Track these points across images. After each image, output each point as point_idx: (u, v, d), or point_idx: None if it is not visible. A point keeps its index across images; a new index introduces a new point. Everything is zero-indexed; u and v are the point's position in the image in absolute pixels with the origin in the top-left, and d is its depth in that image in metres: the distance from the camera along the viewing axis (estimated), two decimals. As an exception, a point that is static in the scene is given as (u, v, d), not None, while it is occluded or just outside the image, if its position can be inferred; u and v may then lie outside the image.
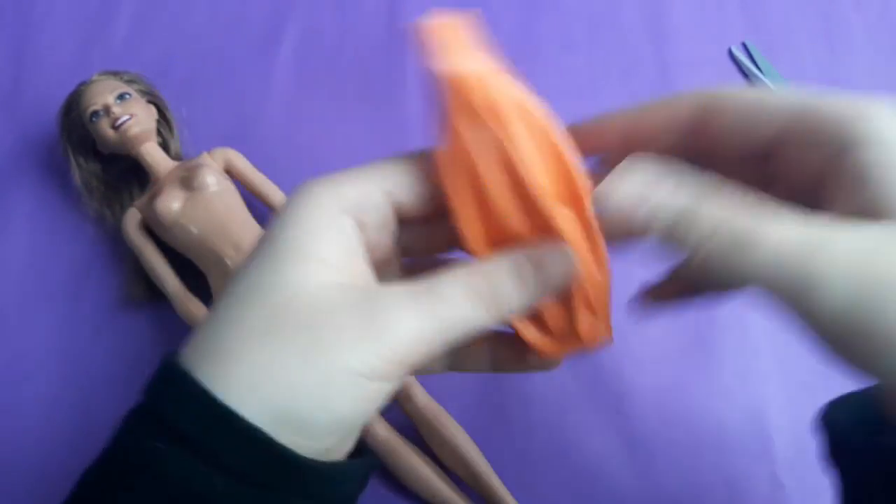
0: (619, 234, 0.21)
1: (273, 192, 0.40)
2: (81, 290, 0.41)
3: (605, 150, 0.24)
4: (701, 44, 0.46)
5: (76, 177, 0.41)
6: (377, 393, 0.20)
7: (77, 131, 0.41)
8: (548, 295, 0.22)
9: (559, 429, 0.37)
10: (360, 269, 0.21)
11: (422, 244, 0.24)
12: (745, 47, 0.45)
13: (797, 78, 0.44)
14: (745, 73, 0.45)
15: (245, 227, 0.38)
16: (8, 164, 0.44)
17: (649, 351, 0.38)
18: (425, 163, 0.23)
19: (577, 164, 0.22)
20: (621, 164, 0.22)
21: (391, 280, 0.24)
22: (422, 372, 0.27)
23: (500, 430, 0.37)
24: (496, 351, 0.25)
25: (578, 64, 0.45)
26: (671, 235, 0.20)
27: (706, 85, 0.22)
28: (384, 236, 0.23)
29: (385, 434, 0.35)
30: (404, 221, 0.23)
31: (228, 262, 0.36)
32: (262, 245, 0.21)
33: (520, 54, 0.46)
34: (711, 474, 0.36)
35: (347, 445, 0.22)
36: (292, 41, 0.47)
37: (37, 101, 0.45)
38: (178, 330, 0.39)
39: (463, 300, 0.20)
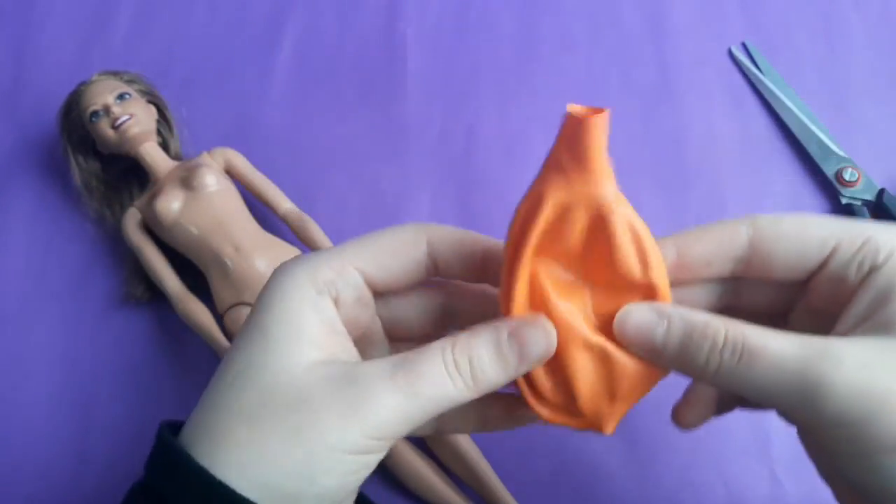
0: (639, 352, 0.22)
1: (273, 192, 0.40)
2: (81, 290, 0.41)
3: None
4: (701, 44, 0.46)
5: (76, 177, 0.41)
6: (362, 466, 0.21)
7: (77, 131, 0.41)
8: (526, 369, 0.22)
9: (559, 429, 0.37)
10: (341, 346, 0.22)
11: (402, 316, 0.25)
12: (744, 47, 0.45)
13: (797, 78, 0.44)
14: (744, 74, 0.45)
15: (245, 227, 0.38)
16: (8, 163, 0.44)
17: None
18: (397, 239, 0.24)
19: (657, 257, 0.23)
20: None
21: (379, 351, 0.26)
22: (446, 433, 0.28)
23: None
24: (484, 410, 0.26)
25: (578, 64, 0.45)
26: (685, 350, 0.21)
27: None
28: (362, 310, 0.24)
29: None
30: (382, 295, 0.24)
31: (228, 262, 0.36)
32: (248, 329, 0.22)
33: (520, 54, 0.46)
34: (711, 474, 0.36)
35: None
36: (292, 41, 0.47)
37: (37, 101, 0.45)
38: (178, 330, 0.39)
39: (441, 376, 0.21)
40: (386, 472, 0.35)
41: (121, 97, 0.39)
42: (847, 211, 0.40)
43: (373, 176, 0.43)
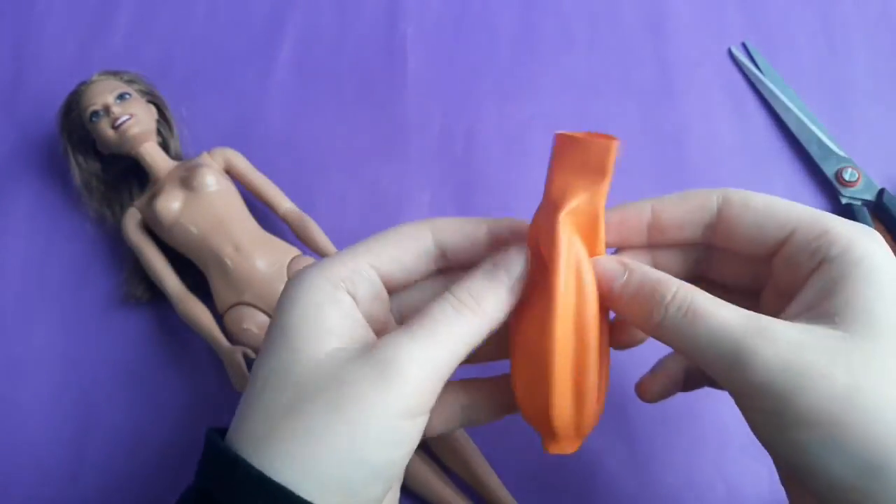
0: (601, 294, 0.24)
1: (273, 192, 0.40)
2: (81, 290, 0.41)
3: (626, 240, 0.27)
4: (701, 43, 0.46)
5: (76, 177, 0.41)
6: (404, 435, 0.22)
7: (77, 131, 0.41)
8: (517, 289, 0.24)
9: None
10: (361, 333, 0.23)
11: (414, 307, 0.26)
12: (744, 47, 0.45)
13: (797, 77, 0.44)
14: (744, 73, 0.45)
15: (245, 226, 0.38)
16: (7, 163, 0.44)
17: (649, 350, 0.38)
18: (405, 234, 0.25)
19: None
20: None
21: None
22: (437, 432, 0.28)
23: (500, 430, 0.37)
24: (471, 399, 0.27)
25: (578, 64, 0.46)
26: (636, 298, 0.23)
27: (708, 91, 0.23)
28: (379, 306, 0.25)
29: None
30: (396, 289, 0.25)
31: (228, 262, 0.36)
32: (270, 334, 0.23)
33: (520, 54, 0.46)
34: (711, 473, 0.36)
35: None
36: (292, 41, 0.47)
37: (37, 101, 0.45)
38: (178, 330, 0.39)
39: (451, 314, 0.23)
40: (386, 472, 0.35)
41: (121, 97, 0.39)
42: (847, 211, 0.40)
43: (373, 176, 0.43)
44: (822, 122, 0.43)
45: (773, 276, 0.25)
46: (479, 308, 0.23)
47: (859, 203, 0.40)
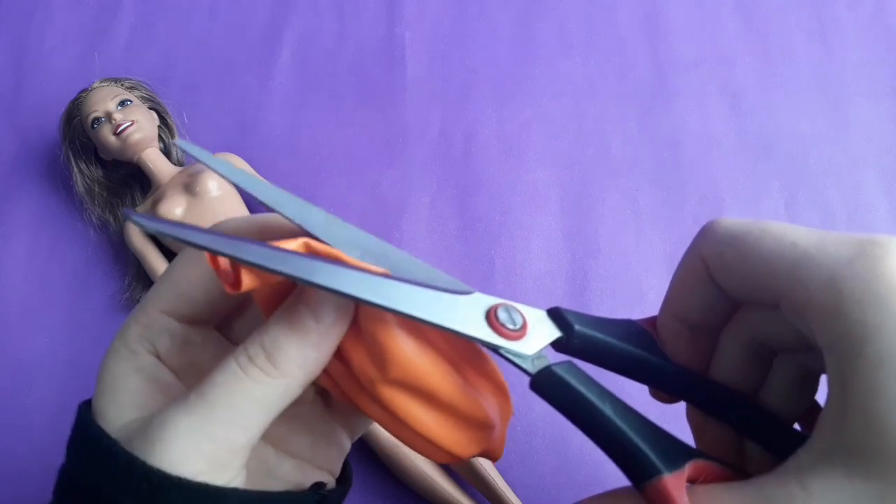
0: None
1: (274, 197, 0.40)
2: (84, 296, 0.41)
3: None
4: (696, 45, 0.46)
5: (78, 183, 0.41)
6: None
7: (79, 138, 0.41)
8: (336, 339, 0.19)
9: (561, 429, 0.37)
10: (159, 399, 0.21)
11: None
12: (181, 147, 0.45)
13: (792, 78, 0.45)
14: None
15: (247, 231, 0.38)
16: (10, 171, 0.44)
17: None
18: (185, 264, 0.21)
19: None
20: None
21: None
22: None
23: (509, 436, 0.37)
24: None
25: (575, 66, 0.46)
26: None
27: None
28: (192, 352, 0.22)
29: (389, 434, 0.35)
30: (219, 320, 0.22)
31: (231, 267, 0.36)
32: (83, 408, 0.21)
33: (517, 57, 0.46)
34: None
35: None
36: (292, 46, 0.47)
37: (38, 109, 0.46)
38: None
39: (235, 377, 0.18)
40: (390, 473, 0.36)
41: (122, 104, 0.40)
42: None
43: (373, 179, 0.43)
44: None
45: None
46: (275, 368, 0.18)
47: None
